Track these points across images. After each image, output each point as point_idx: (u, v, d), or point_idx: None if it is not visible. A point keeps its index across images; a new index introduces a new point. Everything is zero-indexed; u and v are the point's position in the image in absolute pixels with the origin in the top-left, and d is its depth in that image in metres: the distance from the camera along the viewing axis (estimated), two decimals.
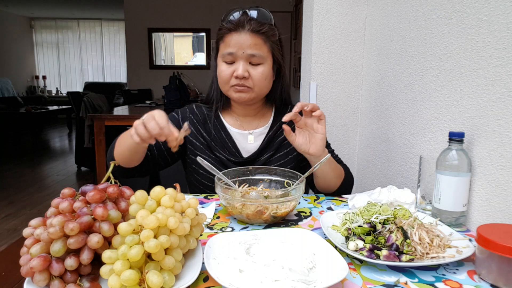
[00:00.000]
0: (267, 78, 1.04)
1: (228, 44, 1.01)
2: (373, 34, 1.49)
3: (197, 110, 1.16)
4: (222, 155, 1.09)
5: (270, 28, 1.02)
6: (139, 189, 0.60)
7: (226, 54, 1.01)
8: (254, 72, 1.01)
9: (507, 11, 0.76)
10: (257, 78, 1.02)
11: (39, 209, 3.21)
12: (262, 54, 1.00)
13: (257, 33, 1.00)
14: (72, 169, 4.52)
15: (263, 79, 1.03)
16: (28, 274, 0.53)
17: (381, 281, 0.60)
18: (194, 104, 1.19)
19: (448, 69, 0.97)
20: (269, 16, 1.04)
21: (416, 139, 1.14)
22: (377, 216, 0.73)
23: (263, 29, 1.00)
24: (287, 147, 1.12)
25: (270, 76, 1.05)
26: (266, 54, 1.02)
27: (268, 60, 1.03)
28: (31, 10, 8.56)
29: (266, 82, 1.04)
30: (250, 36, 0.99)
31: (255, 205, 0.81)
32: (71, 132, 7.19)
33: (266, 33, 1.01)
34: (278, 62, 1.07)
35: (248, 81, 1.02)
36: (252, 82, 1.02)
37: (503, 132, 0.77)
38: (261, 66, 1.02)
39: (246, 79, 1.01)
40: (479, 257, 0.62)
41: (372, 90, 1.51)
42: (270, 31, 1.02)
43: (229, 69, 1.02)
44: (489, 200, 0.81)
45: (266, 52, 1.02)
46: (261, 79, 1.02)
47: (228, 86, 1.04)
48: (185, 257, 0.62)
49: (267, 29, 1.01)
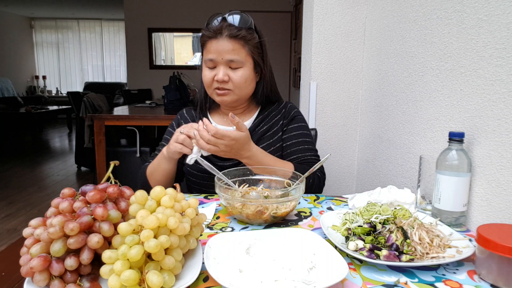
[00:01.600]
0: (247, 81, 1.08)
1: (208, 50, 1.06)
2: (373, 34, 1.49)
3: (187, 114, 1.25)
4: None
5: (248, 32, 1.06)
6: (139, 189, 0.60)
7: (207, 60, 1.07)
8: (234, 76, 1.06)
9: (507, 11, 0.76)
10: (237, 81, 1.07)
11: (39, 209, 3.21)
12: (240, 59, 1.05)
13: (235, 38, 1.04)
14: (72, 169, 4.52)
15: (243, 82, 1.07)
16: (28, 274, 0.53)
17: (381, 281, 0.60)
18: (185, 109, 1.27)
19: (448, 69, 0.97)
20: (249, 20, 1.07)
21: (416, 139, 1.14)
22: (377, 216, 0.73)
23: (240, 34, 1.04)
24: (270, 139, 1.17)
25: (250, 78, 1.09)
26: (245, 57, 1.06)
27: (247, 63, 1.07)
28: (31, 10, 8.56)
29: (246, 84, 1.09)
30: (228, 42, 1.04)
31: (255, 205, 0.81)
32: (71, 132, 7.19)
33: (244, 37, 1.05)
34: (259, 64, 1.11)
35: (228, 84, 1.07)
36: (233, 85, 1.07)
37: (503, 132, 0.77)
38: (241, 70, 1.06)
39: (226, 82, 1.07)
40: (479, 257, 0.62)
41: (372, 90, 1.51)
42: (249, 35, 1.06)
43: (210, 74, 1.07)
44: (489, 200, 0.81)
45: (244, 56, 1.06)
46: (241, 81, 1.07)
47: (211, 89, 1.10)
48: (185, 257, 0.62)
49: (245, 33, 1.05)
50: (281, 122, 1.19)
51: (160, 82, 5.83)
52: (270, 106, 1.22)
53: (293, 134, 1.18)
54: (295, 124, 1.19)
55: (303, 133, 1.19)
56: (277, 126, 1.18)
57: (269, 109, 1.21)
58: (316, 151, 1.20)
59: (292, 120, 1.19)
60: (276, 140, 1.17)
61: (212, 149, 0.96)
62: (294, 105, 1.24)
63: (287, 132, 1.18)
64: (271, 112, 1.21)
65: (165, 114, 3.07)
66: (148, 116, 2.95)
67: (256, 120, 1.19)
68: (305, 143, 1.18)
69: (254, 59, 1.09)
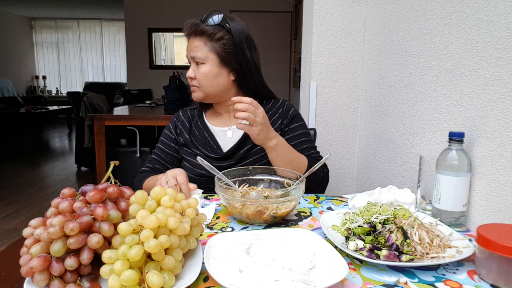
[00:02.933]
0: (207, 77, 1.10)
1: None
2: (373, 34, 1.49)
3: (183, 116, 1.26)
4: (202, 152, 1.16)
5: (215, 28, 1.08)
6: (139, 189, 0.60)
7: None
8: (197, 72, 1.11)
9: (507, 11, 0.76)
10: (199, 77, 1.11)
11: (39, 209, 3.21)
12: (201, 55, 1.08)
13: (196, 36, 1.09)
14: (72, 169, 4.52)
15: (204, 78, 1.10)
16: (28, 274, 0.53)
17: (381, 281, 0.60)
18: (181, 111, 1.28)
19: (448, 69, 0.97)
20: (216, 20, 1.10)
21: (416, 139, 1.14)
22: (377, 216, 0.73)
23: (201, 30, 1.08)
24: None
25: (212, 74, 1.10)
26: (206, 54, 1.08)
27: (209, 60, 1.09)
28: (31, 10, 8.56)
29: (207, 81, 1.10)
30: (193, 40, 1.10)
31: (255, 205, 0.81)
32: (71, 132, 7.19)
33: (205, 33, 1.08)
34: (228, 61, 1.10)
35: (194, 81, 1.12)
36: (198, 82, 1.11)
37: (503, 132, 0.77)
38: (203, 66, 1.09)
39: (192, 79, 1.12)
40: (479, 257, 0.62)
41: (372, 90, 1.51)
42: (213, 31, 1.08)
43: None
44: (489, 200, 0.81)
45: (206, 53, 1.08)
46: (202, 78, 1.10)
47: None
48: (185, 257, 0.62)
49: (207, 29, 1.08)
50: (280, 122, 1.18)
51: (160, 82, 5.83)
52: (266, 103, 1.22)
53: (296, 134, 1.18)
54: (295, 124, 1.19)
55: (304, 132, 1.19)
56: (276, 125, 1.18)
57: (266, 107, 1.20)
58: (316, 148, 1.20)
59: (292, 119, 1.19)
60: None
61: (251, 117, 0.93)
62: (291, 103, 1.24)
63: (289, 132, 1.18)
64: (267, 111, 1.19)
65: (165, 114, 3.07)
66: (148, 116, 2.95)
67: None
68: (308, 142, 1.18)
69: (219, 55, 1.09)
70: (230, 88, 1.15)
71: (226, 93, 1.16)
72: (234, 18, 1.14)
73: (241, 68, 1.12)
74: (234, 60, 1.11)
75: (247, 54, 1.12)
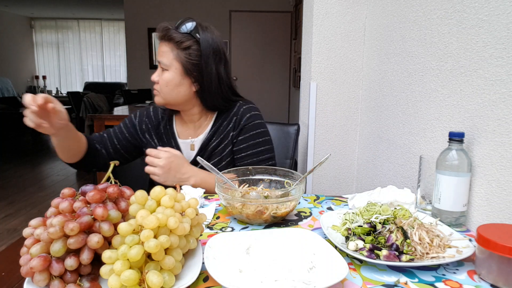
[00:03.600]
0: (168, 85, 1.08)
1: None
2: (373, 34, 1.49)
3: (153, 114, 1.23)
4: None
5: (182, 36, 1.06)
6: (139, 189, 0.60)
7: None
8: (160, 78, 1.09)
9: (507, 11, 0.76)
10: (161, 83, 1.09)
11: (39, 209, 3.21)
12: (165, 61, 1.07)
13: (165, 41, 1.07)
14: (72, 169, 4.51)
15: (165, 85, 1.08)
16: (28, 274, 0.53)
17: (381, 281, 0.60)
18: (152, 107, 1.26)
19: (448, 69, 0.97)
20: (188, 27, 1.07)
21: (416, 139, 1.14)
22: (377, 216, 0.73)
23: (169, 36, 1.06)
24: (220, 154, 1.16)
25: (174, 83, 1.08)
26: (171, 61, 1.06)
27: (173, 67, 1.07)
28: (31, 10, 8.56)
29: (168, 89, 1.08)
30: (161, 44, 1.09)
31: (255, 205, 0.81)
32: None
33: (173, 40, 1.06)
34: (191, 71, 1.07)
35: (157, 85, 1.10)
36: (159, 87, 1.10)
37: (503, 132, 0.77)
38: (166, 73, 1.08)
39: (156, 83, 1.10)
40: (479, 257, 0.62)
41: (372, 90, 1.51)
42: (181, 39, 1.06)
43: None
44: (489, 200, 0.81)
45: (171, 60, 1.06)
46: (163, 84, 1.08)
47: None
48: (185, 257, 0.62)
49: (175, 38, 1.06)
50: (232, 134, 1.16)
51: None
52: (225, 115, 1.18)
53: (243, 146, 1.15)
54: (245, 135, 1.15)
55: (254, 143, 1.15)
56: (228, 139, 1.16)
57: (223, 118, 1.17)
58: (271, 158, 1.18)
59: (241, 130, 1.15)
60: (227, 154, 1.16)
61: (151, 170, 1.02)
62: (249, 108, 1.18)
63: (237, 144, 1.15)
64: (223, 123, 1.17)
65: None
66: None
67: (208, 134, 1.17)
68: (256, 155, 1.15)
69: (183, 65, 1.06)
70: (192, 99, 1.13)
71: (188, 103, 1.13)
72: (208, 28, 1.10)
73: (203, 81, 1.09)
74: (197, 71, 1.08)
75: (212, 68, 1.08)
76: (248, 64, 6.34)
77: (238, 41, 6.26)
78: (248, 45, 6.26)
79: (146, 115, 1.23)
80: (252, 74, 6.39)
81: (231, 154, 1.17)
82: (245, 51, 6.30)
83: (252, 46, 6.26)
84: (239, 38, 6.24)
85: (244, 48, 6.29)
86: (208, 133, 1.17)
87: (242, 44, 6.27)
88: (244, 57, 6.32)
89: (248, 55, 6.30)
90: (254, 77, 6.40)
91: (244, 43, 6.25)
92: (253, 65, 6.35)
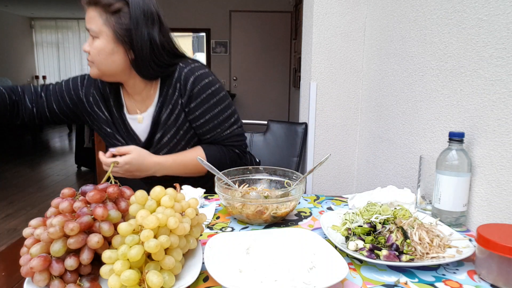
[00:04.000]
0: (101, 54, 0.98)
1: None
2: (373, 34, 1.49)
3: (101, 86, 1.13)
4: (121, 142, 1.12)
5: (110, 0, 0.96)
6: (139, 189, 0.60)
7: None
8: (91, 47, 0.99)
9: (507, 11, 0.76)
10: (92, 52, 0.99)
11: (39, 209, 3.21)
12: (95, 28, 0.97)
13: (91, 5, 0.98)
14: (72, 169, 4.52)
15: (97, 54, 0.99)
16: (28, 274, 0.53)
17: (381, 281, 0.60)
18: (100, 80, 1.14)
19: (448, 69, 0.97)
20: None
21: (416, 139, 1.14)
22: (377, 216, 0.73)
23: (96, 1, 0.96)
24: (174, 126, 1.07)
25: (106, 51, 0.98)
26: (100, 28, 0.97)
27: (103, 34, 0.97)
28: (31, 10, 8.56)
29: (102, 58, 0.99)
30: (87, 10, 0.99)
31: (255, 205, 0.81)
32: (71, 132, 7.19)
33: (100, 4, 0.96)
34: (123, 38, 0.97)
35: (89, 56, 1.01)
36: (91, 57, 1.00)
37: (503, 132, 0.77)
38: (97, 41, 0.98)
39: (88, 53, 1.00)
40: (479, 257, 0.62)
41: (372, 90, 1.51)
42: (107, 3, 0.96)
43: None
44: (489, 200, 0.81)
45: (100, 26, 0.97)
46: (95, 54, 0.99)
47: None
48: (185, 257, 0.62)
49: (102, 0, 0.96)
50: (181, 102, 1.05)
51: None
52: (168, 81, 1.07)
53: (199, 113, 1.06)
54: (196, 100, 1.05)
55: (209, 106, 1.05)
56: (178, 107, 1.06)
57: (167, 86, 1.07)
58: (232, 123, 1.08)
59: (191, 97, 1.04)
60: (182, 123, 1.07)
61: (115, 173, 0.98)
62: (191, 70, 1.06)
63: (192, 112, 1.05)
64: (168, 91, 1.06)
65: None
66: None
67: (157, 107, 1.07)
68: (216, 117, 1.06)
69: (114, 31, 0.97)
70: (129, 68, 1.02)
71: (125, 73, 1.03)
72: None
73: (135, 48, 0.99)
74: (130, 38, 0.98)
75: (143, 32, 0.98)
76: (248, 64, 6.34)
77: (238, 41, 6.26)
78: (248, 45, 6.26)
79: (94, 86, 1.13)
80: (252, 74, 6.39)
81: (187, 123, 1.07)
82: (245, 51, 6.29)
83: (252, 46, 6.26)
84: (239, 38, 6.24)
85: (244, 48, 6.29)
86: (156, 104, 1.07)
87: (242, 44, 6.27)
88: (244, 57, 6.32)
89: (248, 55, 6.30)
90: (254, 77, 6.40)
91: (244, 43, 6.25)
92: (253, 65, 6.34)
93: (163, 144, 1.08)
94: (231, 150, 1.11)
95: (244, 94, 6.47)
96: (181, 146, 1.08)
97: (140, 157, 0.99)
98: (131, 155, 0.98)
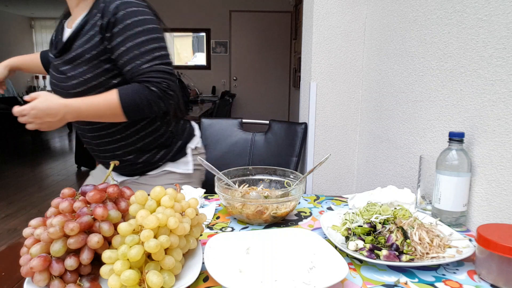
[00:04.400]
0: None
1: None
2: (373, 34, 1.49)
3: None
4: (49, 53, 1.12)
5: None
6: (139, 189, 0.60)
7: None
8: None
9: (507, 11, 0.76)
10: None
11: (39, 209, 3.21)
12: None
13: None
14: (72, 169, 4.52)
15: None
16: (28, 274, 0.53)
17: (381, 281, 0.60)
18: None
19: (448, 69, 0.97)
20: None
21: (416, 139, 1.14)
22: (377, 216, 0.73)
23: None
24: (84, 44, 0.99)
25: None
26: None
27: None
28: (31, 10, 8.56)
29: None
30: None
31: (255, 205, 0.81)
32: (71, 132, 7.19)
33: None
34: None
35: None
36: None
37: (503, 132, 0.77)
38: None
39: None
40: (479, 257, 0.62)
41: (372, 90, 1.51)
42: None
43: None
44: (489, 200, 0.81)
45: None
46: None
47: None
48: (185, 257, 0.62)
49: None
50: (100, 24, 0.96)
51: None
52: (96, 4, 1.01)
53: (120, 40, 0.96)
54: (119, 26, 0.96)
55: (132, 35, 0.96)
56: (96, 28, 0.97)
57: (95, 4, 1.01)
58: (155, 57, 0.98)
59: (115, 23, 0.96)
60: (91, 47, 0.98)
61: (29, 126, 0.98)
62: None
63: (113, 38, 0.96)
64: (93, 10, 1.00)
65: None
66: None
67: (82, 21, 1.01)
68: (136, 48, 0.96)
69: None
70: None
71: None
72: None
73: None
74: None
75: None
76: (248, 64, 6.35)
77: (238, 41, 6.27)
78: (248, 45, 6.26)
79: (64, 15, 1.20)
80: (252, 74, 6.39)
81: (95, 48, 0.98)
82: (245, 51, 6.30)
83: (252, 46, 6.26)
84: (239, 38, 6.25)
85: (244, 48, 6.29)
86: (81, 21, 1.02)
87: (242, 44, 6.27)
88: (244, 57, 6.32)
89: (248, 55, 6.30)
90: (254, 77, 6.40)
91: (244, 43, 6.26)
92: (253, 65, 6.35)
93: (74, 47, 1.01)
94: (146, 87, 0.96)
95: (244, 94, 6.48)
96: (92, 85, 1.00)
97: (46, 101, 0.94)
98: (37, 99, 0.94)
